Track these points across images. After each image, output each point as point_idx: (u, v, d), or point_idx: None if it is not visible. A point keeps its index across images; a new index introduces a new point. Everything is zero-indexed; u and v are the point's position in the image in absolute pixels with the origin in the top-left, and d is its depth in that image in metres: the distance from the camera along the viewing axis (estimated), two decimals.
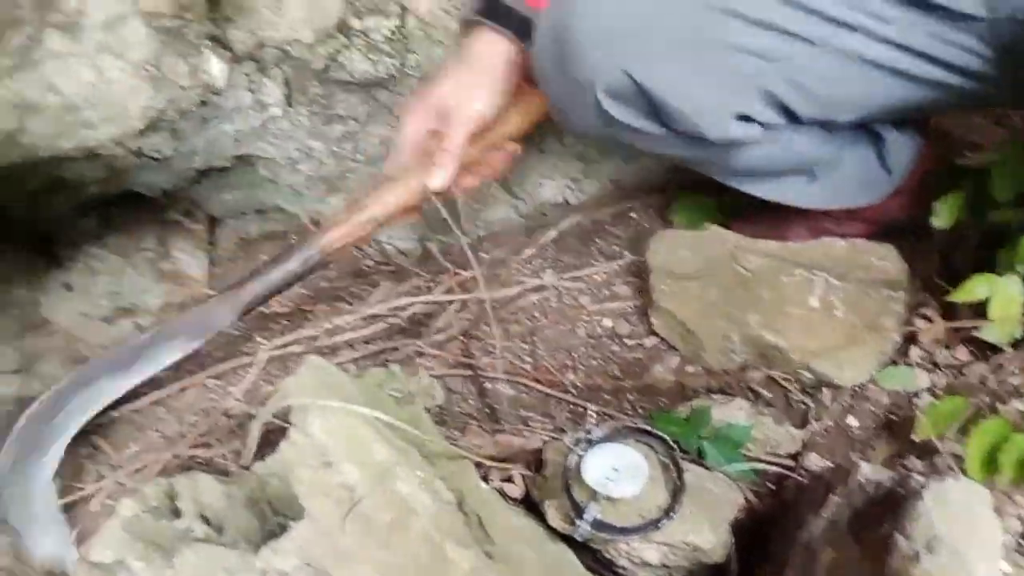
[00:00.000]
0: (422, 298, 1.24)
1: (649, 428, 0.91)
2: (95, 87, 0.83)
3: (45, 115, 0.81)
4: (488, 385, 1.16)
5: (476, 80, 0.89)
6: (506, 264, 1.33)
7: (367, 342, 1.24)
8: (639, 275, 1.23)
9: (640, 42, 0.83)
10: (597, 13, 0.81)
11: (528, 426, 1.10)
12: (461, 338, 1.20)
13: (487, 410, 1.15)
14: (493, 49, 0.89)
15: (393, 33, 1.11)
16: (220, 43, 0.98)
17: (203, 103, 0.97)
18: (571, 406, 1.10)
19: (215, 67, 0.95)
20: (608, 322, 1.23)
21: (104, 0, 0.80)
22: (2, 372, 1.15)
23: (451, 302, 1.23)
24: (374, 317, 1.26)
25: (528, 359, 1.21)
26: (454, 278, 1.30)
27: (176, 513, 0.85)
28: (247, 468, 0.90)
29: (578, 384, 1.15)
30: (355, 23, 1.08)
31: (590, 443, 0.87)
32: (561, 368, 1.17)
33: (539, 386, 1.13)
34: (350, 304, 1.32)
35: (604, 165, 1.38)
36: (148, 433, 1.10)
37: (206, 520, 0.81)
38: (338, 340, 1.20)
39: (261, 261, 1.17)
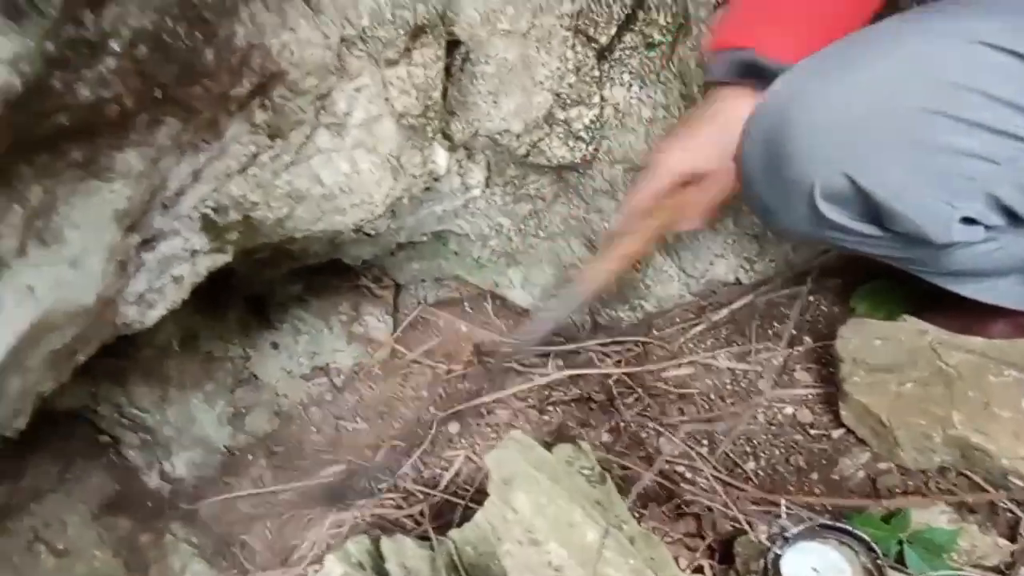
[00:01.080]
0: (592, 370, 1.27)
1: (849, 528, 0.89)
2: (349, 178, 0.91)
3: (309, 203, 0.90)
4: (665, 466, 1.16)
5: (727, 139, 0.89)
6: (677, 342, 1.34)
7: (541, 412, 1.27)
8: (822, 362, 1.21)
9: (862, 143, 0.82)
10: (823, 106, 0.80)
11: (710, 511, 1.09)
12: (635, 416, 1.22)
13: (664, 493, 1.14)
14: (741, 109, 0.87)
15: (592, 122, 1.16)
16: (444, 135, 1.06)
17: (427, 188, 1.05)
18: (755, 496, 1.09)
19: (441, 157, 1.03)
20: (790, 409, 1.21)
21: (366, 103, 0.89)
22: (218, 424, 1.25)
23: (621, 377, 1.26)
24: (546, 389, 1.30)
25: (705, 442, 1.20)
26: (625, 353, 1.33)
27: (381, 573, 0.89)
28: (442, 535, 0.94)
29: (760, 473, 1.13)
30: (560, 114, 1.14)
31: (786, 540, 0.85)
32: (742, 455, 1.16)
33: (719, 473, 1.12)
34: (519, 374, 1.37)
35: (780, 246, 1.38)
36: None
37: None
38: (515, 408, 1.24)
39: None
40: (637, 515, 1.09)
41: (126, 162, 0.61)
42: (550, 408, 1.28)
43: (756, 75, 0.85)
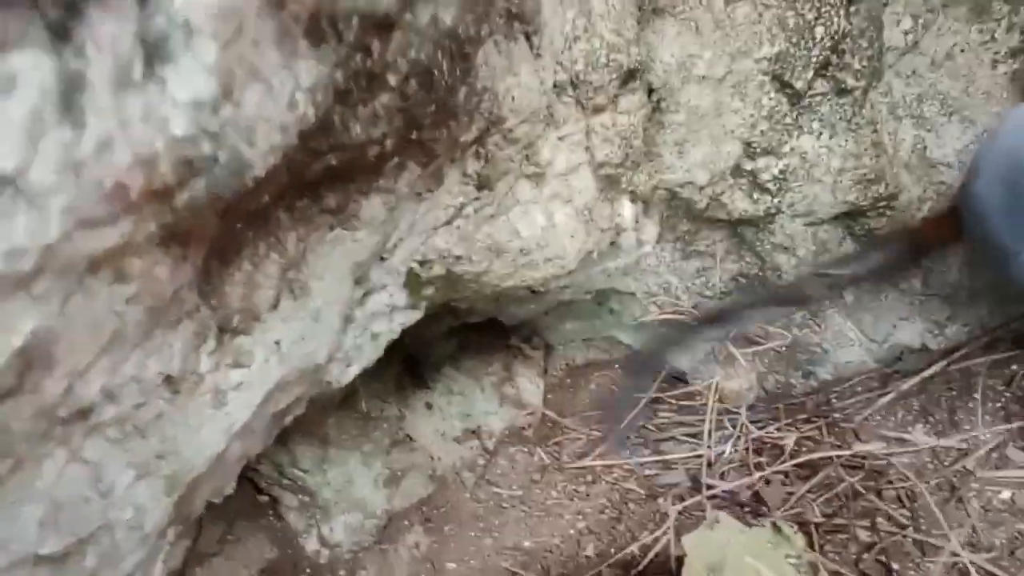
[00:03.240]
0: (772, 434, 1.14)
1: None
2: (545, 231, 0.85)
3: (505, 258, 0.83)
4: (865, 556, 1.02)
5: None
6: (862, 415, 1.20)
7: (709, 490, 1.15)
8: None
9: None
10: None
11: None
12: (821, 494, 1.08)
13: None
14: None
15: (781, 173, 1.07)
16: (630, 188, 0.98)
17: (611, 244, 0.97)
18: None
19: (627, 210, 0.96)
20: (1006, 494, 1.05)
21: (568, 152, 0.83)
22: (375, 486, 1.18)
23: (807, 452, 1.13)
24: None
25: (909, 525, 1.05)
26: (802, 426, 1.19)
27: None
28: None
29: (986, 568, 0.97)
30: (747, 164, 1.05)
31: None
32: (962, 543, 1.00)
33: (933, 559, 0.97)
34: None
35: (974, 308, 1.23)
36: None
37: None
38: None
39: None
40: None
41: (371, 210, 0.56)
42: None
43: None
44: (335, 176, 0.50)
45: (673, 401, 1.33)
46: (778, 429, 1.20)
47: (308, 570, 1.11)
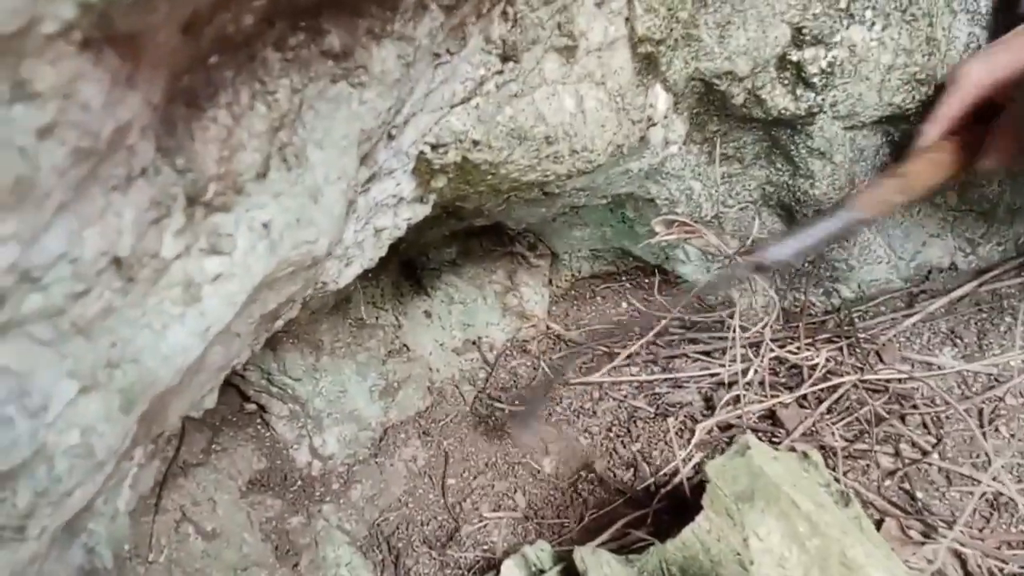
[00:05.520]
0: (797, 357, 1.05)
1: None
2: (574, 117, 0.71)
3: (528, 146, 0.70)
4: (888, 482, 0.95)
5: None
6: (886, 336, 1.11)
7: (723, 411, 1.06)
8: None
9: None
10: None
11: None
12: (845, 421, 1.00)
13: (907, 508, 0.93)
14: None
15: (828, 66, 0.93)
16: (666, 74, 0.85)
17: (641, 139, 0.84)
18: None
19: (661, 100, 0.82)
20: None
21: (606, 22, 0.68)
22: (370, 397, 1.08)
23: (823, 374, 1.04)
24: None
25: (934, 452, 0.98)
26: (822, 347, 1.11)
27: None
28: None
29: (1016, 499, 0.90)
30: (793, 54, 0.91)
31: None
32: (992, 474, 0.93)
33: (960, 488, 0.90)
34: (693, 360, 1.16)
35: (1012, 227, 1.13)
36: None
37: None
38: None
39: (804, 219, 1.06)
40: None
41: (382, 61, 0.43)
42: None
43: None
44: (339, 1, 0.36)
45: (686, 317, 1.23)
46: (797, 349, 1.11)
47: (300, 482, 1.02)
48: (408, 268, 1.18)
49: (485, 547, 0.95)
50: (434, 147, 0.63)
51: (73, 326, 0.29)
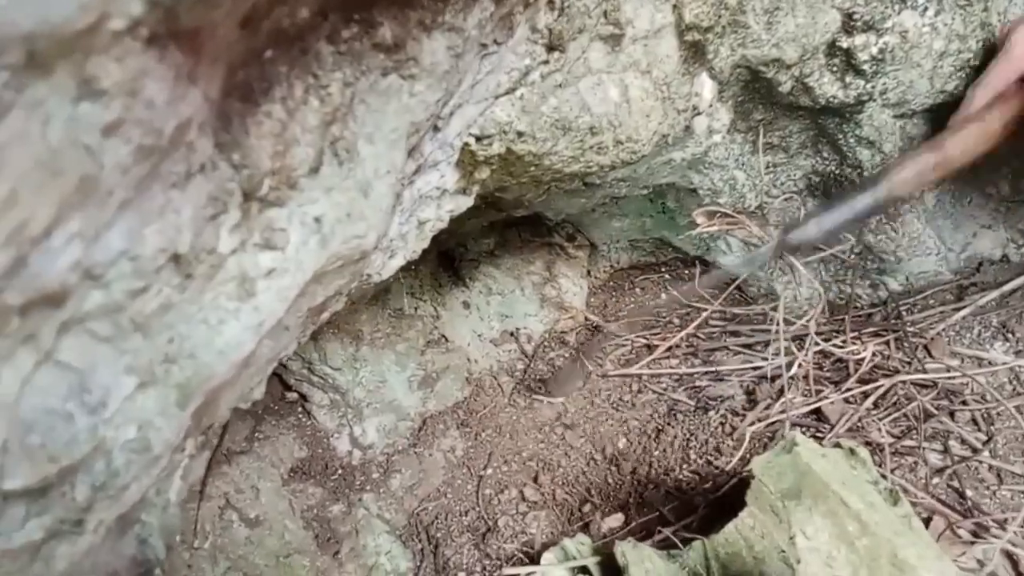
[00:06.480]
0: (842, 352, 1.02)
1: None
2: (618, 108, 0.69)
3: (572, 137, 0.68)
4: (936, 480, 0.92)
5: None
6: (935, 330, 1.07)
7: (766, 407, 1.04)
8: None
9: None
10: None
11: None
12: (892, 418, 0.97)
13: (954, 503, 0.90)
14: None
15: (880, 53, 0.90)
16: (712, 61, 0.82)
17: (686, 128, 0.82)
18: None
19: (707, 88, 0.80)
20: None
21: (652, 10, 0.67)
22: (409, 387, 1.08)
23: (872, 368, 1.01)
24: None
25: (985, 450, 0.95)
26: (869, 341, 1.07)
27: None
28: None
29: None
30: (843, 41, 0.88)
31: None
32: None
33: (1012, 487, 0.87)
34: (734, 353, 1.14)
35: None
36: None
37: None
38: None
39: (835, 195, 1.01)
40: None
41: (432, 53, 0.42)
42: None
43: None
44: None
45: (727, 309, 1.21)
46: (843, 343, 1.09)
47: (340, 471, 1.03)
48: (446, 259, 1.17)
49: (524, 539, 0.95)
50: (479, 138, 0.62)
51: (132, 323, 0.29)
